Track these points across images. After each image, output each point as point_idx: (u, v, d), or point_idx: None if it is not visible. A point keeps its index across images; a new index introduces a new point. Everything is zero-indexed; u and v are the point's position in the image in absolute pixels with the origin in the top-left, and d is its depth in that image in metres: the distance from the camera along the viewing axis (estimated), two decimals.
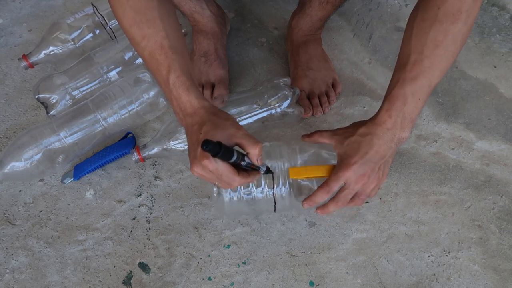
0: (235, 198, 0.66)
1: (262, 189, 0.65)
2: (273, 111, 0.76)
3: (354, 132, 0.60)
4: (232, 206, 0.66)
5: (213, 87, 0.84)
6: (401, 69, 0.57)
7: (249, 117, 0.76)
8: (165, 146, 0.74)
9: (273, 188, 0.65)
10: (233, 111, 0.76)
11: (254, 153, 0.53)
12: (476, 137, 0.81)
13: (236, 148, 0.52)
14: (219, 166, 0.51)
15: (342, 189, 0.59)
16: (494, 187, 0.76)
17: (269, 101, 0.76)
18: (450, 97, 0.86)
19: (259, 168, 0.56)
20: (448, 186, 0.77)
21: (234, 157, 0.51)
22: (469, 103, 0.85)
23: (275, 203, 0.66)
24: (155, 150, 0.74)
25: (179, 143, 0.73)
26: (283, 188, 0.65)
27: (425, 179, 0.77)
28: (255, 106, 0.76)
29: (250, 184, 0.65)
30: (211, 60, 0.85)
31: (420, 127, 0.83)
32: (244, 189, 0.66)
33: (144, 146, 0.75)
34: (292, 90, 0.77)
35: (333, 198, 0.60)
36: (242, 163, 0.53)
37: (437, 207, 0.75)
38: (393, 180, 0.77)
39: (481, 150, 0.80)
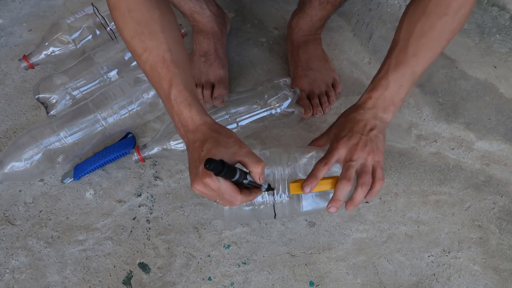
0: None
1: (262, 197, 0.64)
2: (273, 111, 0.76)
3: (338, 118, 0.64)
4: (231, 213, 0.66)
5: (213, 87, 0.84)
6: (388, 56, 0.61)
7: (249, 117, 0.76)
8: (165, 146, 0.74)
9: (273, 196, 0.64)
10: (233, 111, 0.76)
11: (256, 172, 0.52)
12: (476, 137, 0.81)
13: (238, 166, 0.52)
14: (221, 185, 0.51)
15: (343, 168, 0.58)
16: (494, 187, 0.76)
17: (269, 101, 0.76)
18: (450, 97, 0.86)
19: (261, 186, 0.55)
20: (448, 186, 0.77)
21: (237, 176, 0.50)
22: (469, 103, 0.85)
23: (274, 211, 0.65)
24: (155, 150, 0.74)
25: (179, 143, 0.73)
26: (283, 195, 0.64)
27: (425, 179, 0.77)
28: (255, 106, 0.76)
29: None
30: (211, 60, 0.85)
31: (420, 127, 0.83)
32: None
33: (144, 146, 0.75)
34: (292, 90, 0.77)
35: (339, 180, 0.57)
36: (244, 181, 0.52)
37: (437, 207, 0.75)
38: (393, 180, 0.77)
39: (481, 150, 0.80)
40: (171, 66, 0.56)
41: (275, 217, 0.67)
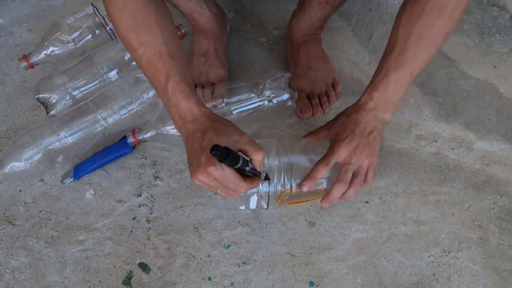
0: None
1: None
2: (267, 92, 0.77)
3: (340, 116, 0.65)
4: (227, 201, 0.66)
5: (213, 86, 0.84)
6: (386, 56, 0.61)
7: (245, 105, 0.78)
8: (160, 131, 0.74)
9: (268, 186, 0.65)
10: (229, 100, 0.78)
11: (258, 159, 0.53)
12: (476, 137, 0.81)
13: (239, 154, 0.52)
14: (226, 173, 0.51)
15: (340, 169, 0.61)
16: (494, 187, 0.76)
17: (262, 83, 0.78)
18: (450, 97, 0.86)
19: (260, 174, 0.56)
20: (448, 186, 0.77)
21: (240, 163, 0.50)
22: (469, 103, 0.85)
23: (268, 202, 0.66)
24: (151, 133, 0.75)
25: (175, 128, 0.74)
26: (277, 186, 0.65)
27: (425, 179, 0.77)
28: (252, 95, 0.78)
29: None
30: (211, 60, 0.85)
31: (420, 127, 0.83)
32: None
33: (140, 129, 0.75)
34: (283, 74, 0.78)
35: (335, 181, 0.61)
36: (246, 168, 0.52)
37: (437, 207, 0.75)
38: (393, 180, 0.77)
39: (481, 150, 0.80)
40: (167, 59, 0.56)
41: (267, 207, 0.68)
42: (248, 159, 0.53)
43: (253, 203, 0.68)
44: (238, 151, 0.53)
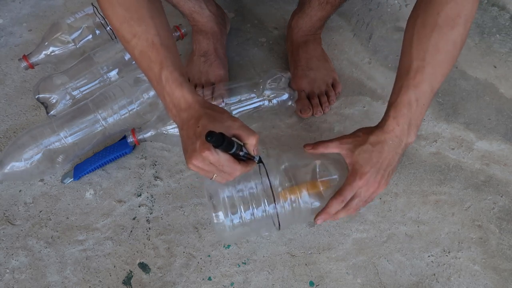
0: (236, 221, 0.62)
1: (263, 206, 0.63)
2: (267, 92, 0.77)
3: (364, 140, 0.61)
4: (234, 231, 0.64)
5: (213, 86, 0.84)
6: (404, 76, 0.58)
7: (244, 106, 0.78)
8: (159, 130, 0.74)
9: (275, 204, 0.62)
10: (229, 99, 0.78)
11: (251, 143, 0.54)
12: (476, 137, 0.81)
13: (233, 139, 0.54)
14: (221, 157, 0.52)
15: (353, 197, 0.61)
16: (494, 187, 0.76)
17: (262, 83, 0.78)
18: (450, 97, 0.86)
19: (254, 157, 0.57)
20: (448, 186, 0.77)
21: (234, 148, 0.52)
22: (469, 103, 0.85)
23: (278, 220, 0.64)
24: (150, 133, 0.75)
25: (175, 128, 0.73)
26: (285, 204, 0.63)
27: (425, 179, 0.77)
28: (252, 94, 0.78)
29: (250, 204, 0.63)
30: (211, 60, 0.85)
31: (420, 127, 0.82)
32: (244, 208, 0.63)
33: (140, 129, 0.75)
34: (283, 74, 0.78)
35: (344, 207, 0.61)
36: (240, 153, 0.54)
37: (437, 207, 0.75)
38: (393, 180, 0.77)
39: (481, 150, 0.80)
40: (160, 49, 0.56)
41: (279, 228, 0.65)
42: (242, 144, 0.54)
43: (263, 230, 0.68)
44: (232, 137, 0.54)
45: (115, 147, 0.79)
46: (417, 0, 0.60)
